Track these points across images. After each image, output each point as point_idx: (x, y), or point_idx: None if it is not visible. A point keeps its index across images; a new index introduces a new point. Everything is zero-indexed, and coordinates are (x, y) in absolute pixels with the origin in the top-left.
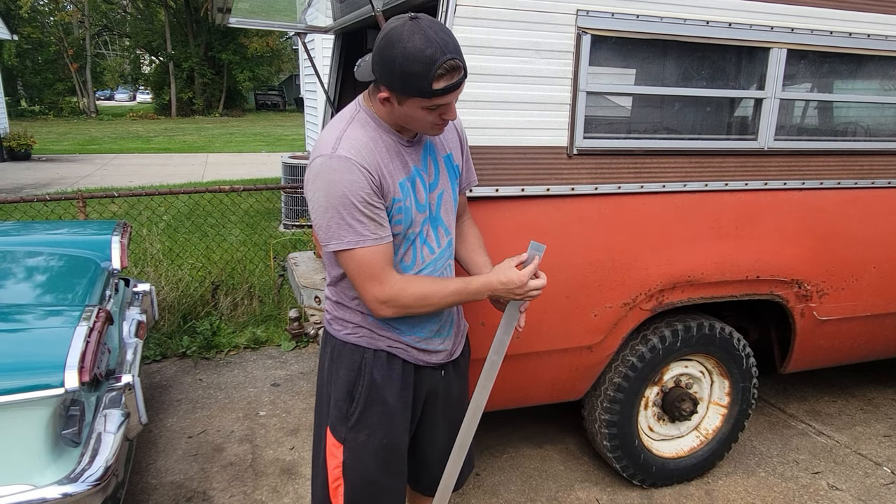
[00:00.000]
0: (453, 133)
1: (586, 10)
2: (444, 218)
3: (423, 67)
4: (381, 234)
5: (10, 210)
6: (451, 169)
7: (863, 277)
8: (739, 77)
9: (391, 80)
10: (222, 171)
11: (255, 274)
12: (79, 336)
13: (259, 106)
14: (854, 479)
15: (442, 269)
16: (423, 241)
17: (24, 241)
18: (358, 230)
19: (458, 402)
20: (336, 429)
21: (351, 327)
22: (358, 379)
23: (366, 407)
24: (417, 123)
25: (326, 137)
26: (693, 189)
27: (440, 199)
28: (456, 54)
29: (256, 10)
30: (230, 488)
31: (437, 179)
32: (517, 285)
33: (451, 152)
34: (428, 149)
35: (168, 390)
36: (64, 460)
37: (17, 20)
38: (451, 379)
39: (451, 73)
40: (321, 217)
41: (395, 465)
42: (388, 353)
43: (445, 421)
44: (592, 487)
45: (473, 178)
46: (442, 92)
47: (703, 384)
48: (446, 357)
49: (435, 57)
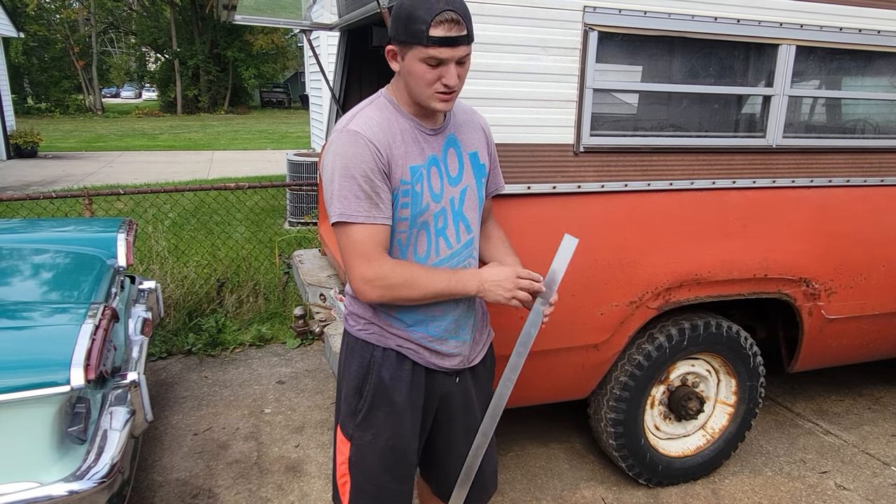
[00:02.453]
0: (480, 133)
1: (593, 6)
2: (467, 215)
3: (424, 12)
4: (376, 215)
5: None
6: (477, 167)
7: (871, 276)
8: (748, 74)
9: (396, 28)
10: (227, 169)
11: (260, 271)
12: (84, 334)
13: (264, 103)
14: (862, 478)
15: (463, 265)
16: (439, 232)
17: (31, 238)
18: (353, 204)
19: (481, 413)
20: (345, 425)
21: (362, 323)
22: (367, 376)
23: (373, 406)
24: (419, 82)
25: (346, 116)
26: (700, 187)
27: (463, 194)
28: (459, 10)
29: (262, 7)
30: (235, 486)
31: (460, 174)
32: (506, 278)
33: (478, 151)
34: (452, 142)
35: (173, 387)
36: (70, 458)
37: (23, 18)
38: (468, 387)
39: (450, 24)
40: (328, 186)
41: (400, 469)
42: (398, 353)
43: (465, 432)
44: (598, 486)
45: (501, 183)
46: (438, 41)
47: (709, 383)
48: (462, 363)
49: (438, 5)
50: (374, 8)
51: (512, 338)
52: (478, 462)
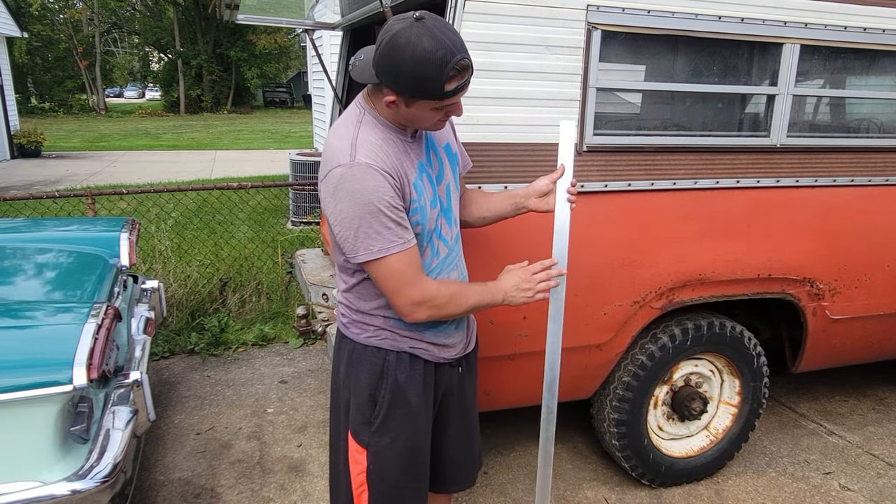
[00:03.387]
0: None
1: (596, 5)
2: (453, 209)
3: (434, 71)
4: (408, 238)
5: (21, 207)
6: (451, 158)
7: (876, 276)
8: (751, 73)
9: (400, 85)
10: (230, 168)
11: (262, 271)
12: (87, 333)
13: (267, 103)
14: (866, 479)
15: (455, 261)
16: (438, 234)
17: (34, 237)
18: (387, 237)
19: (471, 400)
20: (359, 434)
21: (372, 330)
22: (381, 382)
23: (390, 410)
24: (423, 122)
25: (338, 145)
26: (704, 186)
27: (448, 190)
28: (465, 53)
29: (264, 7)
30: (238, 485)
31: (442, 172)
32: (523, 279)
33: (449, 142)
34: (429, 142)
35: (176, 387)
36: (72, 457)
37: (27, 18)
38: (465, 376)
39: (461, 73)
40: (346, 228)
41: (419, 467)
42: (411, 355)
43: (458, 418)
44: (601, 487)
45: (468, 161)
46: (453, 93)
47: (713, 383)
48: (462, 350)
49: (446, 59)
50: (376, 7)
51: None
52: (551, 449)
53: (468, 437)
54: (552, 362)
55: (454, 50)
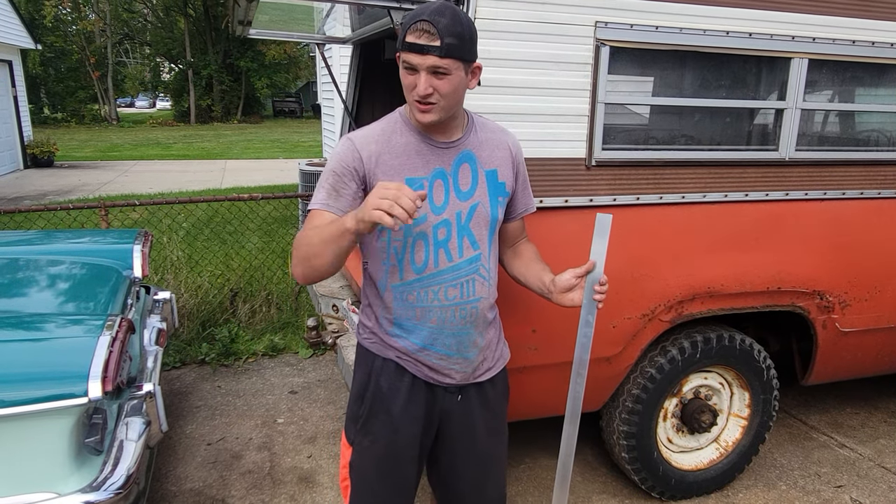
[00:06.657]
0: (504, 152)
1: (605, 21)
2: (474, 231)
3: (408, 20)
4: (331, 204)
5: (34, 218)
6: (494, 184)
7: (886, 288)
8: (760, 87)
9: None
10: (240, 178)
11: (273, 281)
12: (102, 346)
13: (276, 113)
14: (878, 493)
15: (464, 280)
16: (440, 244)
17: (48, 249)
18: (320, 194)
19: (484, 436)
20: (348, 428)
21: (367, 332)
22: (368, 384)
23: (371, 413)
24: (405, 89)
25: None
26: (713, 200)
27: (472, 210)
28: (437, 24)
29: (276, 22)
30: (248, 496)
31: (472, 190)
32: (384, 194)
33: (498, 169)
34: (467, 157)
35: (187, 397)
36: (87, 468)
37: (40, 29)
38: (471, 406)
39: (421, 32)
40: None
41: (395, 479)
42: (397, 364)
43: (464, 451)
44: (610, 499)
45: (530, 204)
46: (408, 47)
47: (722, 396)
48: (464, 379)
49: (418, 14)
50: (387, 23)
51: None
52: (570, 462)
53: (480, 477)
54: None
55: (433, 13)
